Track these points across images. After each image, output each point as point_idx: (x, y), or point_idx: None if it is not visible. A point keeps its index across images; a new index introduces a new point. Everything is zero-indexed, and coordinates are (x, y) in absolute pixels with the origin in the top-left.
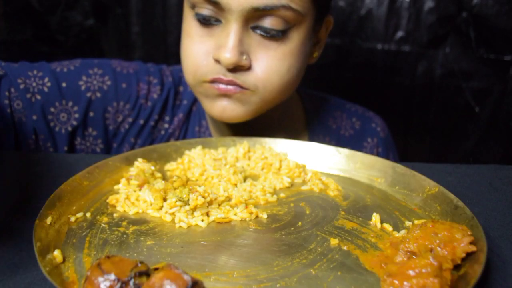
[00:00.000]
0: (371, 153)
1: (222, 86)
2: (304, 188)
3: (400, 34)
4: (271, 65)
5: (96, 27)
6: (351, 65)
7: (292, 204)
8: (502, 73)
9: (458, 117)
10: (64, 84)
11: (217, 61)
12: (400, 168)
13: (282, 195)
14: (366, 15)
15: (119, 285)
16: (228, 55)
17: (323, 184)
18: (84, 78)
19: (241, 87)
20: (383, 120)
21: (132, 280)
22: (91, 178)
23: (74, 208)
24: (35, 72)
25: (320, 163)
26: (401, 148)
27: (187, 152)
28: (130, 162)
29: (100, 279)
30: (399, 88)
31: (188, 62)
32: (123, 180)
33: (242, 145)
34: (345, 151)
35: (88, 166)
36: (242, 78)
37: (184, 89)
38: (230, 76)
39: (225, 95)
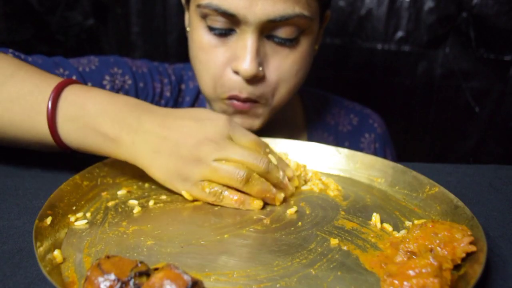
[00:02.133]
0: (369, 148)
1: (237, 103)
2: (304, 188)
3: (400, 34)
4: (283, 73)
5: (96, 27)
6: (351, 65)
7: (292, 204)
8: (502, 73)
9: (458, 117)
10: (90, 84)
11: (236, 72)
12: (400, 168)
13: (281, 195)
14: (366, 15)
15: (119, 285)
16: (247, 67)
17: (323, 184)
18: (107, 77)
19: (254, 101)
20: (380, 117)
21: (132, 280)
22: (91, 178)
23: (74, 208)
24: (61, 70)
25: (320, 163)
26: (401, 148)
27: None
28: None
29: (100, 279)
30: (399, 88)
31: (208, 75)
32: None
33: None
34: (345, 151)
35: (88, 166)
36: (256, 91)
37: (186, 86)
38: (245, 93)
39: (240, 112)
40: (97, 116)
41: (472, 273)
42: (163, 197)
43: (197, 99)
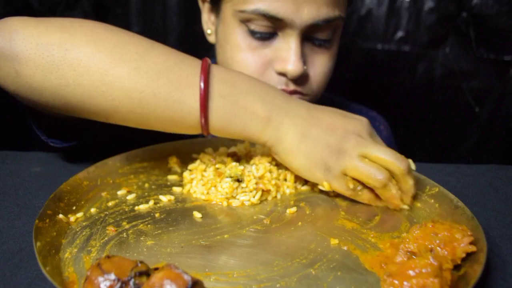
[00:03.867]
0: None
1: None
2: (304, 188)
3: (400, 34)
4: (321, 70)
5: None
6: (351, 65)
7: (292, 204)
8: (502, 73)
9: (458, 117)
10: None
11: (280, 73)
12: None
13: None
14: (366, 15)
15: (119, 285)
16: (294, 67)
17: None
18: None
19: (300, 93)
20: (385, 119)
21: (132, 280)
22: (91, 178)
23: (74, 208)
24: None
25: None
26: (401, 148)
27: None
28: (130, 162)
29: (100, 279)
30: (399, 88)
31: (248, 73)
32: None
33: (244, 145)
34: None
35: (88, 166)
36: (302, 86)
37: None
38: (292, 86)
39: None
40: (247, 94)
41: (472, 273)
42: (163, 197)
43: None
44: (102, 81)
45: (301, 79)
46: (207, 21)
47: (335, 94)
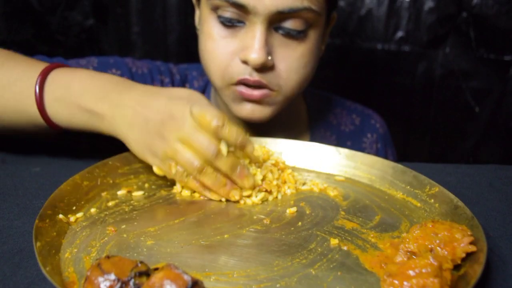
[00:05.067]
0: (371, 148)
1: (246, 91)
2: (304, 188)
3: (400, 34)
4: (292, 64)
5: (96, 27)
6: (351, 65)
7: (292, 204)
8: (502, 73)
9: (458, 117)
10: None
11: (244, 62)
12: (400, 168)
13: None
14: (366, 15)
15: (119, 285)
16: (256, 55)
17: (323, 184)
18: None
19: (266, 87)
20: (381, 117)
21: (132, 280)
22: (91, 178)
23: (74, 208)
24: None
25: (321, 163)
26: (401, 148)
27: None
28: (129, 162)
29: (100, 279)
30: (399, 88)
31: (215, 63)
32: None
33: None
34: (345, 151)
35: (88, 166)
36: (267, 78)
37: (190, 86)
38: (256, 77)
39: (251, 101)
40: (81, 94)
41: (472, 273)
42: (163, 197)
43: None
44: None
45: (265, 71)
46: (197, 18)
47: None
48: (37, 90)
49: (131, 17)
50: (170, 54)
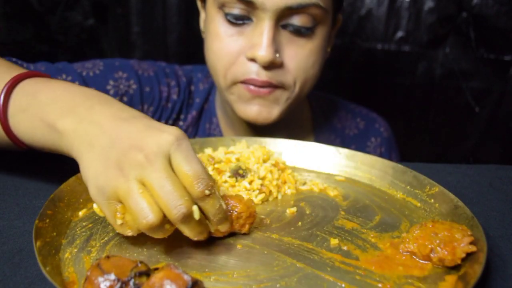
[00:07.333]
0: (375, 152)
1: (253, 88)
2: (304, 188)
3: (400, 34)
4: (301, 62)
5: (96, 27)
6: (351, 65)
7: (292, 204)
8: (502, 73)
9: (458, 117)
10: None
11: (251, 59)
12: (400, 168)
13: (282, 195)
14: (366, 15)
15: (119, 285)
16: (264, 53)
17: (323, 184)
18: (111, 82)
19: (274, 86)
20: (386, 121)
21: (132, 280)
22: None
23: (74, 208)
24: (64, 76)
25: (321, 163)
26: (401, 148)
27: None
28: None
29: (100, 279)
30: (399, 88)
31: (221, 63)
32: None
33: (241, 145)
34: (345, 151)
35: None
36: (275, 76)
37: (195, 88)
38: (264, 77)
39: (258, 97)
40: (47, 105)
41: (472, 273)
42: None
43: (207, 101)
44: None
45: (274, 69)
46: (202, 22)
47: (338, 96)
48: (2, 98)
49: (131, 17)
50: (170, 54)
